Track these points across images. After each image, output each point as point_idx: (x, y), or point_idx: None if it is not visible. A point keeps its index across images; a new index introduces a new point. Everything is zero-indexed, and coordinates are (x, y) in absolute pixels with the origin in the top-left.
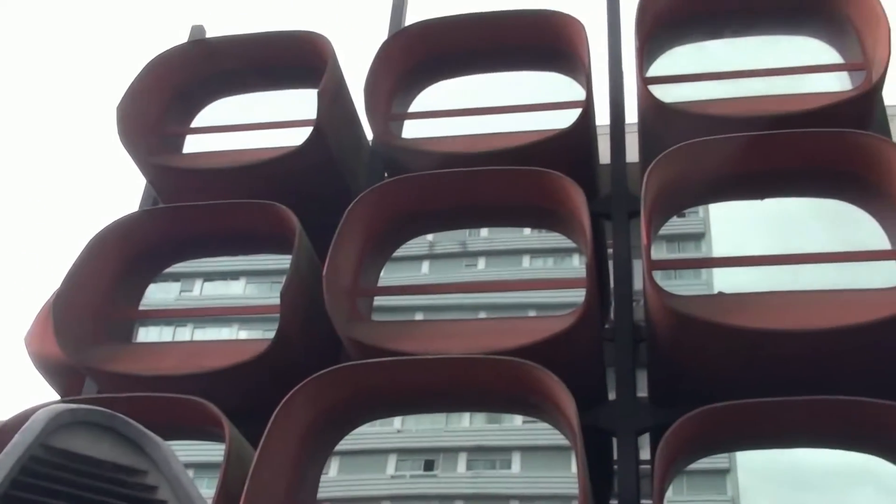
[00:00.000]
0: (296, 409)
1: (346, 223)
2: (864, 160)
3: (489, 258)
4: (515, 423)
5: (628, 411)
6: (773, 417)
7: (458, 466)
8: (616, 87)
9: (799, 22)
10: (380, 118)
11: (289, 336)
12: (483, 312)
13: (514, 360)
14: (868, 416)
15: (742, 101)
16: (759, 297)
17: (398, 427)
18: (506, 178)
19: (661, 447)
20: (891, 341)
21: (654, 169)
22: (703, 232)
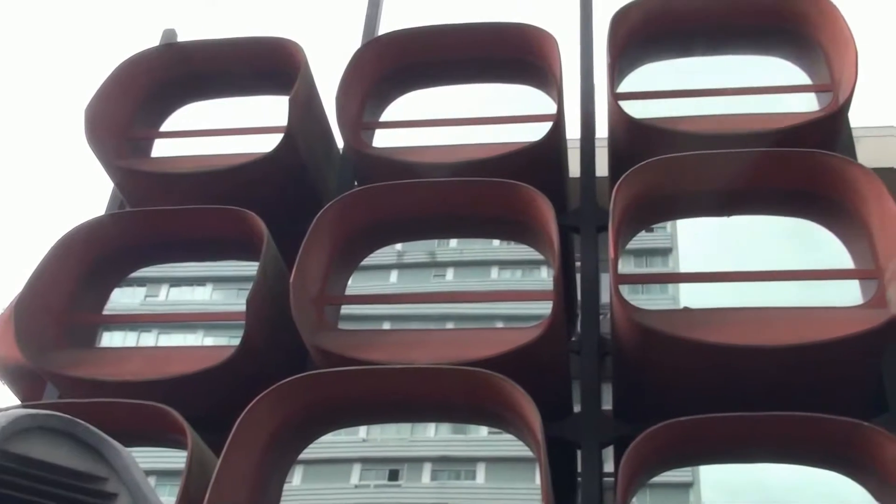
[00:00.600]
0: (259, 417)
1: (314, 231)
2: (830, 180)
3: (458, 269)
4: (481, 433)
5: (593, 424)
6: (736, 432)
7: (423, 476)
8: (587, 102)
9: (769, 43)
10: (351, 126)
11: (254, 343)
12: (451, 323)
13: (480, 371)
14: (829, 432)
15: (711, 118)
16: (724, 313)
17: (363, 436)
18: (475, 189)
19: (624, 460)
20: (853, 358)
21: (623, 184)
22: (671, 247)
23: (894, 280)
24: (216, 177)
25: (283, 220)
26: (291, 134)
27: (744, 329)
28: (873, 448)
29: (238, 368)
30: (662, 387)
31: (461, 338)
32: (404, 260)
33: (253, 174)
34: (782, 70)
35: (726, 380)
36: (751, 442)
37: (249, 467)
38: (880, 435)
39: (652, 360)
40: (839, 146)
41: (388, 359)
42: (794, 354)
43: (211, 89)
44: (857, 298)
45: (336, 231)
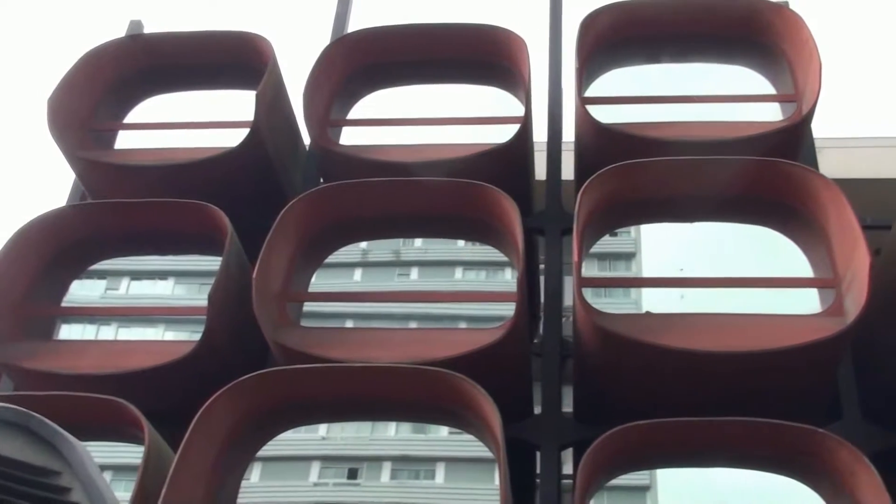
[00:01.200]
0: (218, 414)
1: (278, 227)
2: (792, 190)
3: (422, 268)
4: (441, 433)
5: (553, 426)
6: (694, 437)
7: (383, 476)
8: (554, 105)
9: (735, 52)
10: (317, 123)
11: (215, 339)
12: (414, 322)
13: (442, 371)
14: (785, 438)
15: (677, 125)
16: (685, 318)
17: (323, 434)
18: (442, 189)
19: (583, 462)
20: (809, 366)
21: (588, 188)
22: (634, 252)
23: (851, 289)
24: (180, 170)
25: (248, 215)
26: (257, 129)
27: (704, 335)
28: (827, 454)
29: (198, 364)
30: (623, 390)
31: (424, 337)
32: (368, 258)
33: (217, 169)
34: (748, 79)
35: (686, 384)
36: (708, 446)
37: (207, 464)
38: (834, 441)
39: (613, 364)
40: (802, 156)
41: (349, 357)
42: (753, 361)
43: (177, 82)
44: (815, 307)
45: (300, 228)
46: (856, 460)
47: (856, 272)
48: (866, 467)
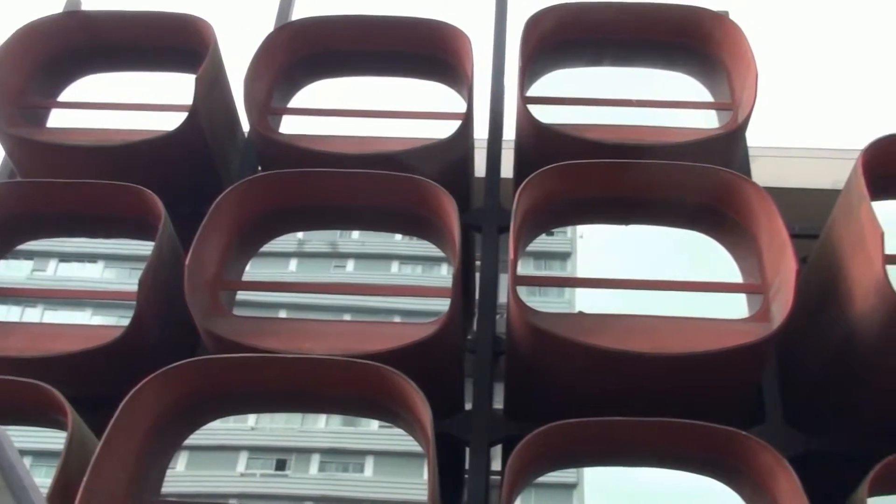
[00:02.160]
0: (144, 402)
1: (213, 214)
2: (725, 196)
3: (359, 261)
4: (371, 427)
5: (483, 422)
6: (621, 436)
7: (311, 468)
8: (496, 103)
9: (675, 59)
10: (257, 111)
11: (144, 325)
12: (348, 315)
13: (373, 365)
14: (708, 440)
15: (616, 128)
16: (616, 319)
17: (252, 424)
18: (380, 182)
19: (511, 459)
20: (735, 369)
21: (527, 187)
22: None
23: (778, 296)
24: (114, 152)
25: (183, 200)
26: (195, 113)
27: (634, 336)
28: (749, 456)
29: (126, 350)
30: (553, 388)
31: (357, 330)
32: (305, 249)
33: (153, 152)
34: (687, 86)
35: (616, 384)
36: (634, 446)
37: (131, 452)
38: (756, 444)
39: (544, 362)
40: (735, 164)
41: (281, 347)
42: (680, 363)
43: (114, 62)
44: (744, 312)
45: (236, 215)
46: (776, 463)
47: (783, 279)
48: (786, 470)
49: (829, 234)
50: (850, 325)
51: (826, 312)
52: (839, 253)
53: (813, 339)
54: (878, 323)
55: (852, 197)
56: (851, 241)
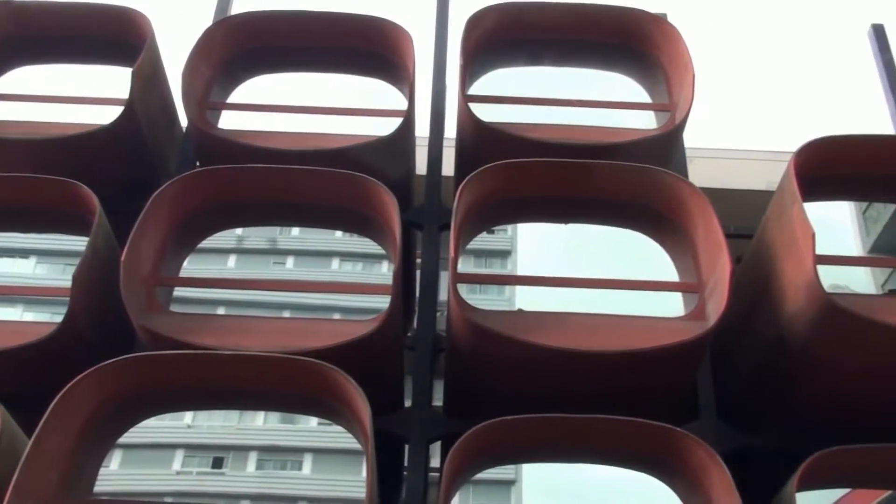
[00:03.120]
0: (77, 399)
1: (150, 209)
2: (661, 196)
3: (298, 258)
4: (310, 424)
5: (422, 419)
6: (559, 433)
7: (248, 465)
8: (438, 101)
9: (614, 60)
10: (196, 105)
11: (78, 321)
12: (288, 312)
13: (311, 361)
14: (643, 436)
15: (556, 127)
16: (555, 317)
17: (188, 422)
18: (320, 179)
19: (449, 456)
20: (671, 367)
21: (467, 185)
22: (510, 250)
23: (713, 295)
24: (47, 145)
25: (118, 196)
26: (132, 107)
27: (572, 333)
28: (683, 452)
29: (59, 346)
30: (492, 386)
31: (296, 327)
32: (244, 245)
33: (88, 146)
34: (626, 86)
35: (554, 381)
36: (571, 443)
37: (63, 450)
38: (689, 440)
39: (484, 359)
40: (673, 164)
41: (219, 344)
42: (617, 360)
43: (48, 53)
44: (679, 310)
45: (173, 211)
46: (709, 459)
47: (718, 278)
48: (719, 466)
49: (763, 235)
50: (782, 324)
51: (759, 311)
52: (772, 253)
53: (746, 336)
54: (809, 321)
55: (785, 198)
56: (784, 242)
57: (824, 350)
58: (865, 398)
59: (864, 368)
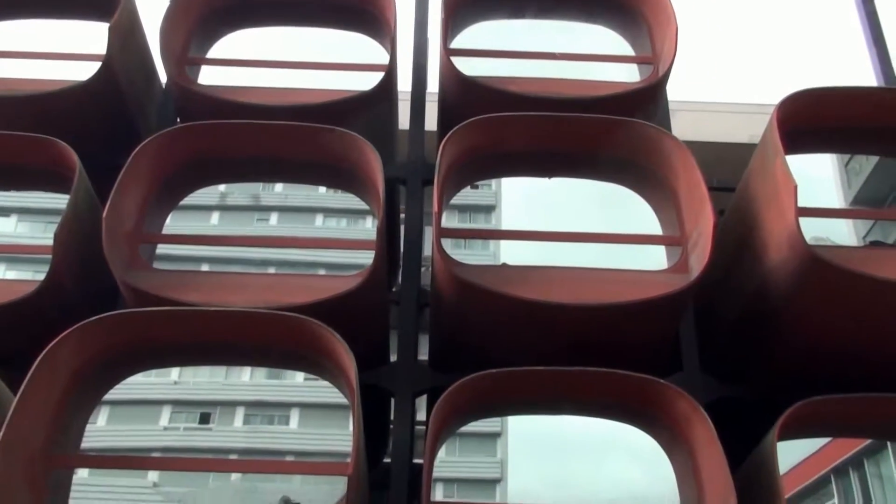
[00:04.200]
0: (62, 356)
1: (131, 166)
2: (644, 150)
3: (282, 214)
4: (296, 379)
5: (407, 373)
6: (544, 386)
7: (236, 420)
8: (420, 55)
9: (597, 12)
10: (175, 61)
11: (61, 279)
12: (272, 268)
13: (297, 317)
14: (627, 388)
15: (539, 81)
16: (540, 271)
17: (175, 379)
18: (302, 134)
19: (435, 409)
20: (654, 319)
21: (450, 140)
22: (494, 205)
23: (696, 248)
24: (25, 102)
25: (99, 153)
26: (110, 63)
27: (556, 287)
28: (666, 404)
29: (42, 305)
30: (477, 339)
31: (281, 283)
32: (227, 202)
33: (66, 103)
34: (608, 39)
35: (538, 335)
36: (556, 395)
37: (49, 407)
38: (672, 391)
39: (468, 313)
40: (656, 117)
41: (204, 301)
42: (601, 313)
43: (24, 8)
44: (663, 263)
45: (154, 168)
46: (692, 410)
47: (701, 231)
48: (701, 417)
49: (746, 188)
50: (764, 276)
51: (741, 264)
52: (755, 206)
53: (729, 289)
54: (791, 273)
55: (767, 151)
56: (766, 194)
57: (806, 302)
58: (846, 349)
59: (845, 320)
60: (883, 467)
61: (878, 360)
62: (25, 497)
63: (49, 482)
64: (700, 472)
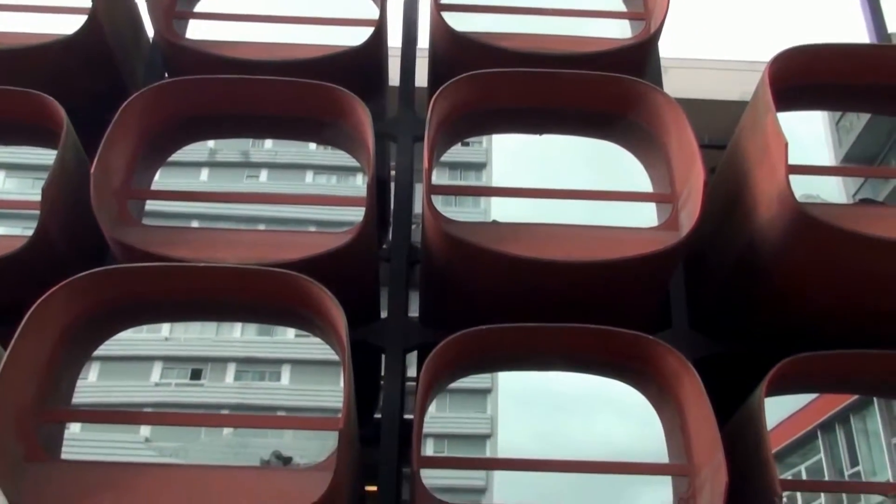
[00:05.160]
0: (52, 311)
1: (119, 120)
2: (636, 106)
3: (272, 171)
4: (287, 336)
5: (398, 330)
6: (533, 342)
7: (227, 377)
8: (410, 10)
9: None
10: (163, 14)
11: (49, 234)
12: (262, 225)
13: (287, 273)
14: (616, 344)
15: (530, 37)
16: (530, 228)
17: (166, 335)
18: (292, 89)
19: (426, 365)
20: (644, 276)
21: (441, 96)
22: (485, 162)
23: (687, 205)
24: (11, 56)
25: (86, 108)
26: (95, 16)
27: (546, 244)
28: (655, 359)
29: (31, 260)
30: (467, 296)
31: (271, 239)
32: (216, 158)
33: (52, 57)
34: None
35: (528, 292)
36: (545, 351)
37: (40, 361)
38: (661, 347)
39: (458, 270)
40: (647, 74)
41: (193, 257)
42: (592, 270)
43: None
44: (653, 221)
45: (143, 123)
46: (680, 366)
47: (691, 189)
48: (690, 372)
49: (737, 145)
50: (754, 233)
51: (731, 221)
52: (745, 163)
53: (719, 246)
54: (780, 230)
55: (759, 108)
56: (757, 152)
57: (796, 259)
58: (835, 306)
59: (835, 277)
60: (869, 423)
61: (865, 316)
62: (17, 450)
63: (41, 436)
64: (688, 426)
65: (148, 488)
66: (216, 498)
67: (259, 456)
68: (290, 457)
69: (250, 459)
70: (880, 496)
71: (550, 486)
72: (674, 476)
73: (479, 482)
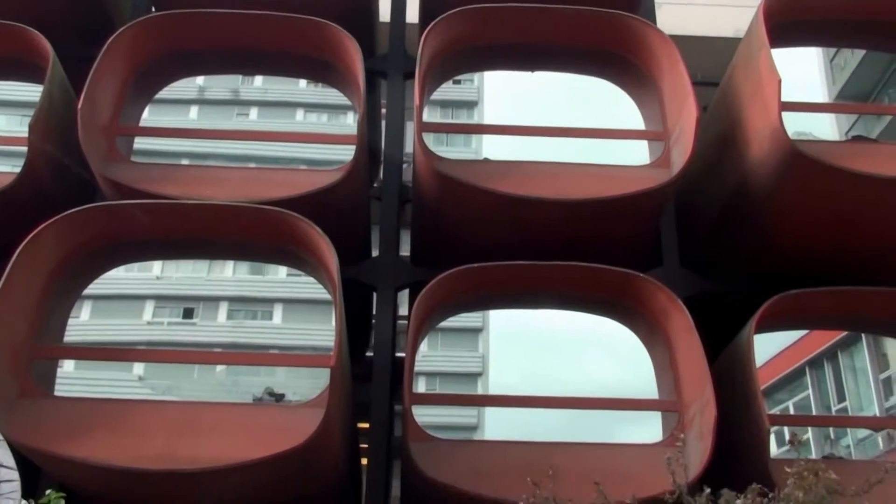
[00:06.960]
0: (42, 247)
1: (105, 56)
2: (628, 42)
3: (262, 109)
4: (279, 275)
5: (389, 268)
6: (523, 280)
7: (219, 315)
8: None
9: None
10: None
11: (38, 171)
12: (252, 163)
13: (278, 210)
14: (606, 281)
15: None
16: (521, 166)
17: (157, 273)
18: (280, 24)
19: (417, 303)
20: (635, 214)
21: (432, 31)
22: (477, 101)
23: (678, 143)
24: None
25: (73, 43)
26: None
27: (537, 182)
28: (644, 296)
29: (20, 197)
30: (458, 235)
31: (261, 177)
32: (206, 96)
33: None
34: None
35: (519, 230)
36: (535, 289)
37: (30, 297)
38: (651, 284)
39: (449, 209)
40: (640, 10)
41: (183, 194)
42: (582, 208)
43: None
44: (645, 159)
45: (130, 58)
46: (670, 303)
47: (684, 126)
48: (679, 309)
49: (729, 82)
50: (746, 171)
51: (723, 159)
52: (738, 100)
53: (710, 184)
54: (772, 168)
55: (752, 44)
56: (750, 89)
57: (787, 197)
58: (825, 244)
59: (826, 214)
60: (856, 359)
61: (856, 254)
62: (10, 386)
63: (34, 373)
64: (677, 362)
65: (141, 423)
66: (209, 432)
67: (252, 394)
68: (282, 394)
69: (243, 397)
70: (867, 430)
71: (542, 423)
72: (663, 412)
73: (471, 419)
